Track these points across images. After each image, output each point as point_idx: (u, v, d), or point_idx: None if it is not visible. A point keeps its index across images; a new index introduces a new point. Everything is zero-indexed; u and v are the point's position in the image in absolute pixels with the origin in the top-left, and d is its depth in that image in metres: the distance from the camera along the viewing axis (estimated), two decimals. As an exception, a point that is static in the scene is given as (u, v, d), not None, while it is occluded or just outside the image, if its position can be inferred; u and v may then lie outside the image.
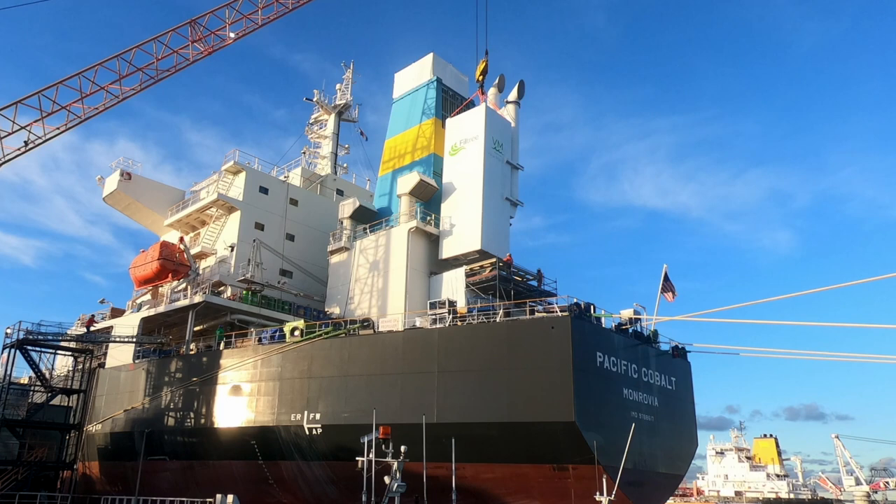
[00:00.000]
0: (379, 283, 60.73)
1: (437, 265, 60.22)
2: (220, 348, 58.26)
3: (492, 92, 65.84)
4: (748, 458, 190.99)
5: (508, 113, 65.13)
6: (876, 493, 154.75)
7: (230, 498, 50.24)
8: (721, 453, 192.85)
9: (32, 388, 67.01)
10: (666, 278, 54.41)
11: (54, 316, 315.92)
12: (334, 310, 64.14)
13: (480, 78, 64.81)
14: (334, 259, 66.71)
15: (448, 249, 59.44)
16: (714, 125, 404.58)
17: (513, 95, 65.98)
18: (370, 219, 66.11)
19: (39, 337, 62.77)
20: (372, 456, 36.33)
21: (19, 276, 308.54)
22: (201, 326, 66.14)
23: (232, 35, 56.03)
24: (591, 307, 46.93)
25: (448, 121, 64.70)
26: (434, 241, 61.12)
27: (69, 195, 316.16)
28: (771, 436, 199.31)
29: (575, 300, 45.96)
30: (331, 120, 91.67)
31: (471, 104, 65.85)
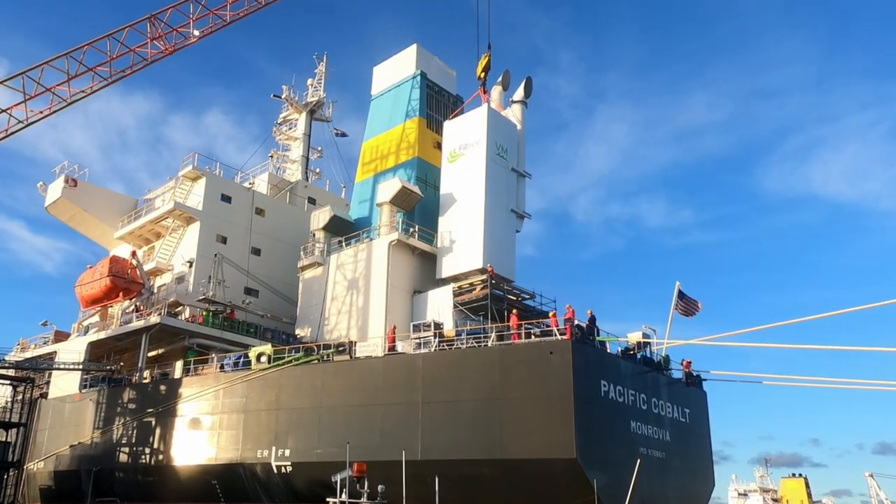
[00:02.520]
0: (359, 303, 60.38)
1: (423, 283, 59.98)
2: (179, 375, 57.81)
3: (496, 90, 65.73)
4: (774, 500, 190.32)
5: (514, 114, 65.00)
6: None
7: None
8: (744, 494, 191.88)
9: (-36, 421, 66.25)
10: (680, 296, 54.27)
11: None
12: (306, 333, 63.75)
13: (482, 75, 64.59)
14: (306, 276, 66.33)
15: (447, 268, 59.15)
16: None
17: (518, 94, 65.79)
18: (346, 230, 65.79)
19: (-28, 364, 62.15)
20: (345, 497, 35.85)
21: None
22: (156, 351, 65.55)
23: (196, 33, 55.96)
24: (595, 329, 46.70)
25: (446, 124, 64.52)
26: (420, 256, 60.89)
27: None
28: (800, 475, 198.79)
29: (576, 321, 45.74)
30: (301, 119, 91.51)
31: (472, 105, 65.64)
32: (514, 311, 51.01)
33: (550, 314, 48.22)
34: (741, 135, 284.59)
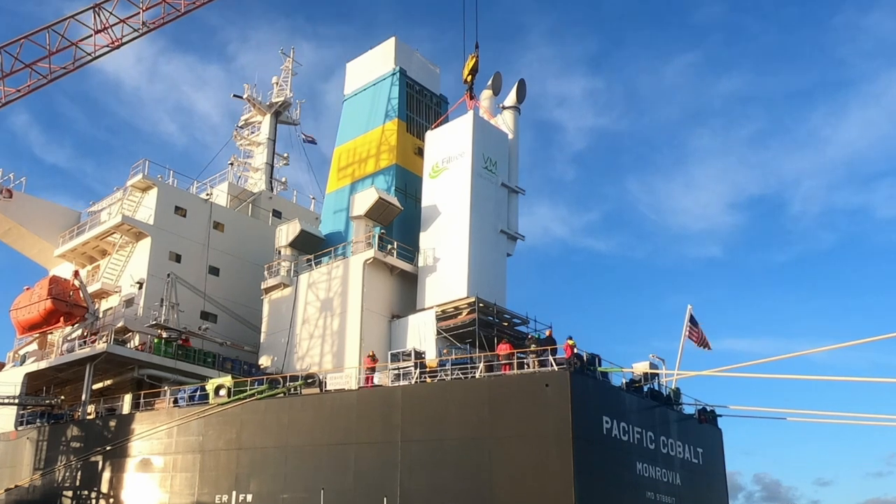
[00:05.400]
0: (333, 326, 60.20)
1: (402, 307, 59.84)
2: (127, 411, 57.47)
3: (486, 95, 65.66)
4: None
5: (505, 122, 64.95)
6: None
7: None
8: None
9: None
10: (692, 321, 54.25)
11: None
12: (270, 363, 63.49)
13: (469, 79, 64.30)
14: (271, 298, 66.13)
15: (429, 296, 59.21)
16: None
17: (510, 99, 65.82)
18: (316, 247, 65.56)
19: None
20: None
21: None
22: (102, 384, 65.17)
23: (147, 24, 55.74)
24: (597, 359, 46.58)
25: (427, 135, 64.51)
26: (399, 276, 60.84)
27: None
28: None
29: (576, 350, 45.62)
30: (265, 122, 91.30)
31: (457, 112, 65.56)
32: (504, 339, 50.91)
33: (566, 343, 47.62)
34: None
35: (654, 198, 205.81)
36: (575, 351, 45.06)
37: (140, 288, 68.23)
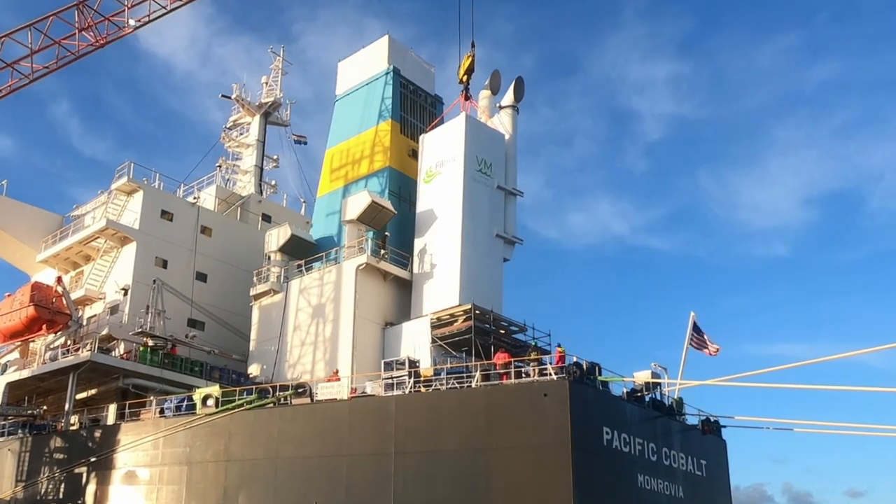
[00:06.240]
0: (324, 334, 60.16)
1: (396, 314, 59.80)
2: (112, 421, 57.38)
3: (484, 95, 65.63)
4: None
5: (502, 122, 64.96)
6: None
7: None
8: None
9: None
10: (695, 329, 54.21)
11: None
12: (260, 371, 63.47)
13: (465, 79, 64.43)
14: (261, 304, 66.09)
15: (424, 304, 59.32)
16: None
17: (507, 99, 65.86)
18: (307, 252, 65.54)
19: None
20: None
21: None
22: (86, 393, 65.04)
23: (132, 22, 55.90)
24: (597, 368, 46.55)
25: (422, 138, 64.60)
26: (393, 282, 60.90)
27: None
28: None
29: (575, 358, 45.65)
30: (255, 123, 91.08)
31: (453, 114, 65.57)
32: (501, 348, 50.86)
33: (557, 351, 47.79)
34: None
35: (725, 192, 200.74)
36: (575, 360, 45.15)
37: (125, 294, 68.13)
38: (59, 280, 68.18)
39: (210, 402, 52.38)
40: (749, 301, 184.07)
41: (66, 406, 61.47)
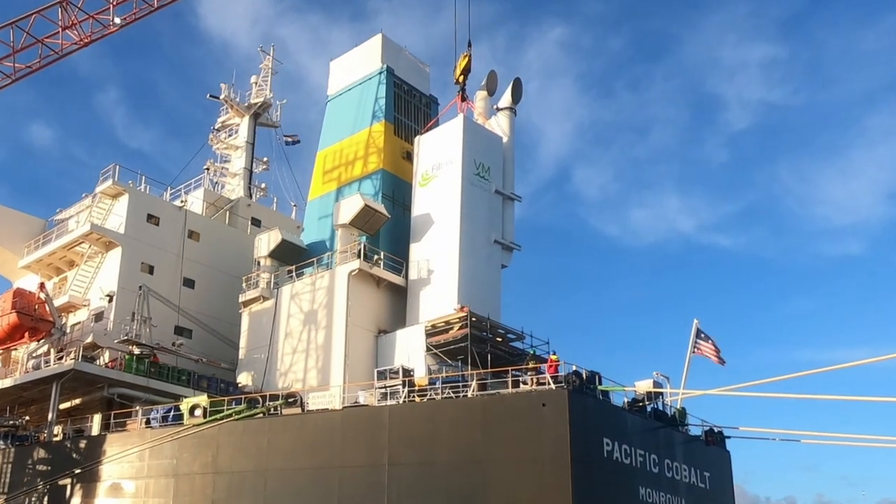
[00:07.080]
0: (316, 342, 60.10)
1: (390, 321, 59.74)
2: (97, 432, 57.29)
3: (480, 96, 65.58)
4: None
5: (500, 125, 64.94)
6: None
7: None
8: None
9: None
10: (698, 335, 54.14)
11: None
12: (249, 380, 63.34)
13: (461, 79, 64.43)
14: (250, 311, 66.00)
15: (419, 311, 59.22)
16: None
17: (505, 100, 65.85)
18: (298, 257, 65.55)
19: None
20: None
21: None
22: (69, 403, 64.88)
23: (117, 20, 55.93)
24: (597, 377, 46.49)
25: (418, 140, 64.56)
26: (386, 289, 60.88)
27: None
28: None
29: (574, 367, 45.59)
30: (244, 124, 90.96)
31: (448, 116, 65.58)
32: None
33: (550, 359, 47.74)
34: None
35: (803, 186, 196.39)
36: (574, 368, 45.09)
37: (110, 301, 68.07)
38: (42, 286, 67.98)
39: (198, 412, 52.25)
40: (814, 303, 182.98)
41: (50, 416, 61.34)
